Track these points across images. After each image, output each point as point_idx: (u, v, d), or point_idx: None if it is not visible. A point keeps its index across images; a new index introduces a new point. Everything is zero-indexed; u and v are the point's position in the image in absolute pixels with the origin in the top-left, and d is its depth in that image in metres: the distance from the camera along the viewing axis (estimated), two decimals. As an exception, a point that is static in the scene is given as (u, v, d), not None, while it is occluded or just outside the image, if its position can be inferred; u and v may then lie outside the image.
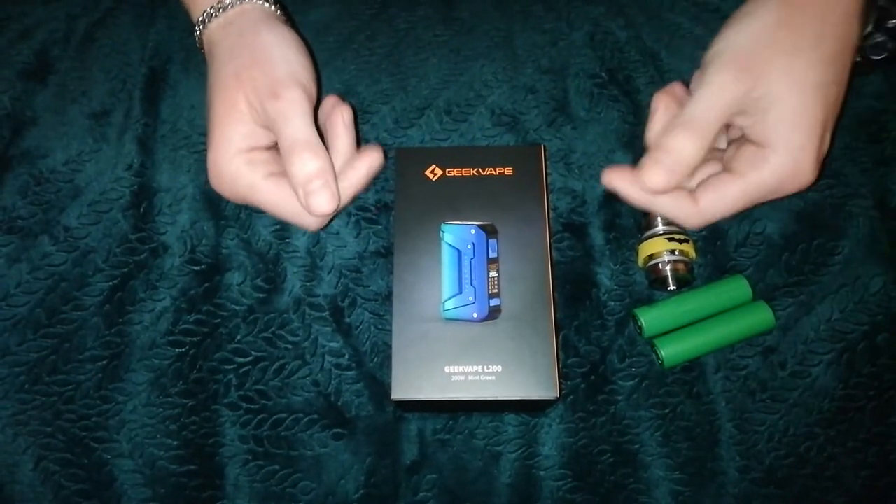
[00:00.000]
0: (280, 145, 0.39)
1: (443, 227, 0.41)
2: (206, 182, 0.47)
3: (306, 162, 0.38)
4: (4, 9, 0.52)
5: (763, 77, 0.37)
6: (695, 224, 0.40)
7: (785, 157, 0.37)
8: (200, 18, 0.43)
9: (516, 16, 0.52)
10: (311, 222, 0.41)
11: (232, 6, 0.42)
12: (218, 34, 0.42)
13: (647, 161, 0.39)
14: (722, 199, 0.39)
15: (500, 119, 0.49)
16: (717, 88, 0.38)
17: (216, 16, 0.42)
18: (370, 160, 0.42)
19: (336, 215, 0.45)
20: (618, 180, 0.40)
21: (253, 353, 0.44)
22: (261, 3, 0.43)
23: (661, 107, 0.41)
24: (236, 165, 0.40)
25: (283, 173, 0.40)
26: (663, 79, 0.49)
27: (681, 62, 0.49)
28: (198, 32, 0.43)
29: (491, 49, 0.51)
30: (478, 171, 0.42)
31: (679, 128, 0.38)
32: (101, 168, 0.47)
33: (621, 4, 0.51)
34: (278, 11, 0.44)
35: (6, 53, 0.50)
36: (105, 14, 0.51)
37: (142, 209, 0.46)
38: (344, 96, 0.49)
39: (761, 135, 0.38)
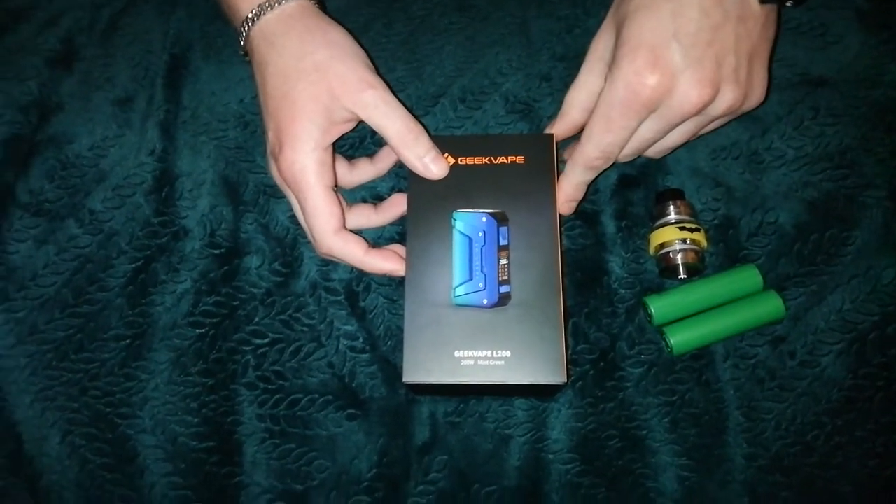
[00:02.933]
0: (386, 133, 0.42)
1: (454, 214, 0.41)
2: (226, 167, 0.48)
3: (422, 142, 0.42)
4: (31, -4, 0.53)
5: (612, 30, 0.42)
6: (599, 161, 0.42)
7: (616, 70, 0.39)
8: (254, 11, 0.43)
9: (531, 3, 0.52)
10: (327, 244, 0.43)
11: (289, 0, 0.43)
12: (279, 27, 0.43)
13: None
14: (590, 125, 0.41)
15: (514, 107, 0.49)
16: (586, 61, 0.44)
17: (273, 8, 0.43)
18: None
19: (334, 264, 0.47)
20: (559, 196, 0.44)
21: (270, 334, 0.45)
22: (315, 2, 0.44)
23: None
24: (311, 161, 0.41)
25: (335, 188, 0.43)
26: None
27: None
28: (247, 25, 0.43)
29: (506, 36, 0.51)
30: (489, 160, 0.43)
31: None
32: (125, 153, 0.48)
33: (639, -9, 0.51)
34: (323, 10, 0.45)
35: (33, 41, 0.51)
36: (128, 3, 0.52)
37: (163, 193, 0.48)
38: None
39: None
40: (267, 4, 0.43)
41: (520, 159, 0.42)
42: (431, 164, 0.42)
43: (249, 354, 0.45)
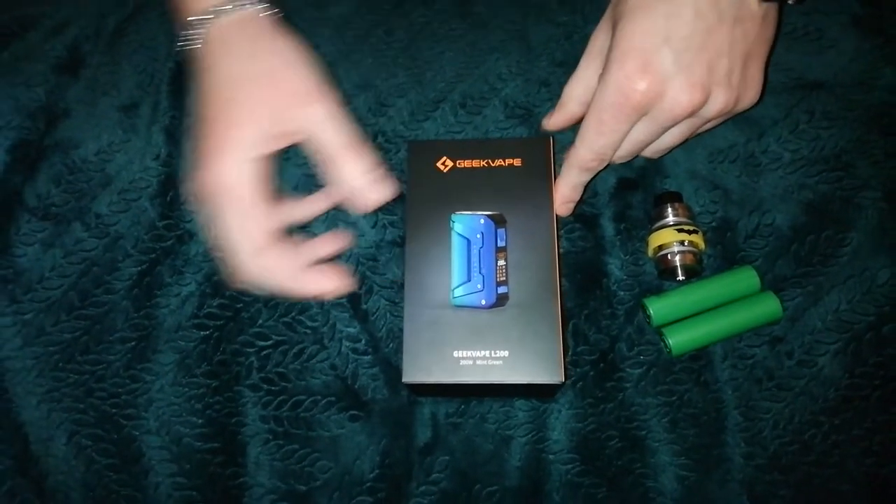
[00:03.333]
0: (324, 151, 0.42)
1: (453, 217, 0.42)
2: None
3: (359, 163, 0.42)
4: (38, 6, 0.54)
5: (609, 27, 0.42)
6: (592, 162, 0.42)
7: (608, 72, 0.40)
8: (210, 9, 0.42)
9: (531, 9, 0.53)
10: (244, 273, 0.42)
11: (250, 5, 0.42)
12: (232, 31, 0.42)
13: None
14: (584, 128, 0.42)
15: (513, 112, 0.50)
16: (587, 52, 0.45)
17: (229, 12, 0.42)
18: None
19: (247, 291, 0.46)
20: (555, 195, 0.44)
21: (274, 336, 0.46)
22: (270, 12, 0.43)
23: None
24: (245, 170, 0.40)
25: (266, 200, 0.41)
26: (676, 71, 0.49)
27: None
28: (200, 23, 0.42)
29: (505, 43, 0.52)
30: (487, 163, 0.43)
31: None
32: (131, 158, 0.49)
33: (637, -3, 0.52)
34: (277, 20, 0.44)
35: (40, 48, 0.52)
36: (134, 11, 0.53)
37: (168, 198, 0.48)
38: (361, 89, 0.51)
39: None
40: (224, 7, 0.42)
41: (517, 162, 0.43)
42: (374, 183, 0.42)
43: (253, 356, 0.45)
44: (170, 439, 0.44)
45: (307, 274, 0.42)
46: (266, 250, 0.41)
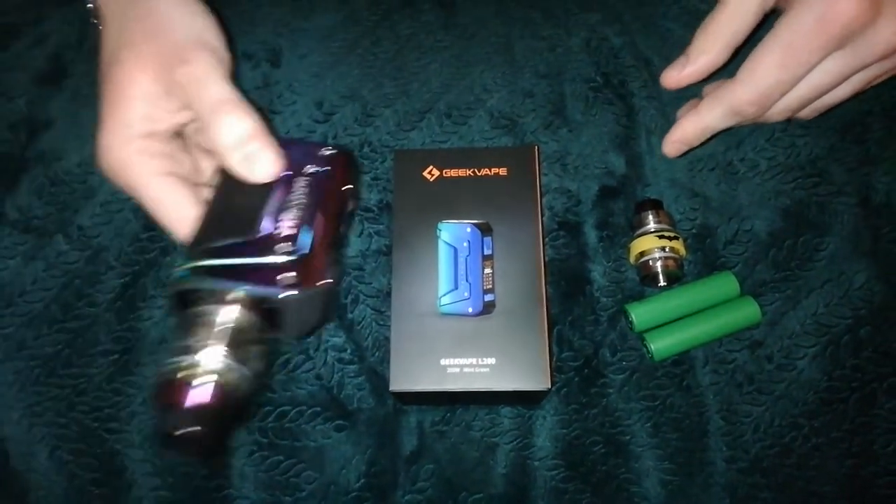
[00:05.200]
0: (199, 113, 0.36)
1: (439, 225, 0.42)
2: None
3: (236, 122, 0.35)
4: (20, 16, 0.54)
5: None
6: (751, 105, 0.37)
7: None
8: None
9: (515, 23, 0.53)
10: (185, 233, 0.37)
11: None
12: (109, 5, 0.39)
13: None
14: (758, 59, 0.36)
15: (498, 122, 0.50)
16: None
17: None
18: None
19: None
20: (671, 135, 0.42)
21: (258, 347, 0.45)
22: None
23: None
24: (128, 153, 0.37)
25: (176, 174, 0.38)
26: (656, 83, 0.50)
27: (672, 66, 0.51)
28: (90, 4, 0.39)
29: (490, 55, 0.52)
30: (474, 172, 0.44)
31: (697, 33, 0.40)
32: (113, 170, 0.49)
33: (617, 12, 0.53)
34: None
35: (22, 59, 0.52)
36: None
37: (152, 209, 0.48)
38: (348, 99, 0.51)
39: None
40: None
41: (503, 171, 0.44)
42: (251, 159, 0.35)
43: (238, 367, 0.45)
44: (153, 452, 0.44)
45: None
46: (181, 223, 0.37)
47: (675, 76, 0.41)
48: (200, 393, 0.30)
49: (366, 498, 0.43)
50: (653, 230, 0.45)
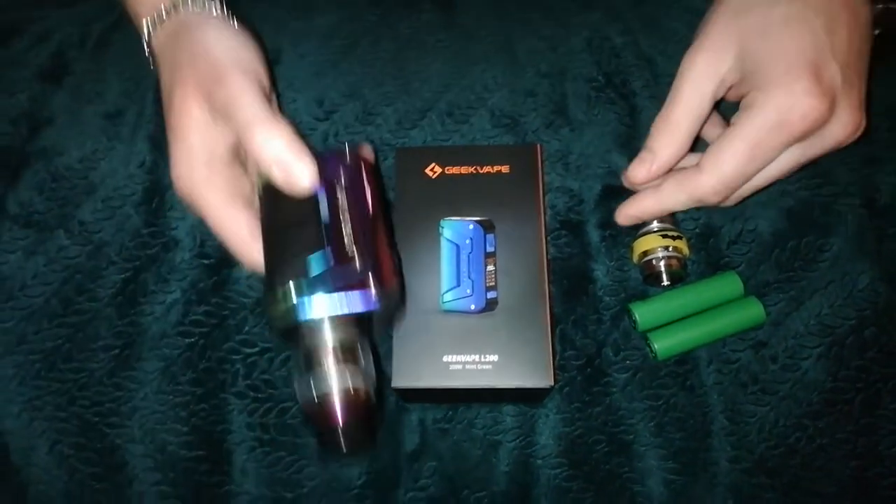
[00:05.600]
0: (237, 132, 0.37)
1: (442, 222, 0.42)
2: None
3: (270, 139, 0.36)
4: (23, 13, 0.54)
5: (737, 44, 0.38)
6: (714, 195, 0.39)
7: (772, 90, 0.36)
8: (146, 30, 0.41)
9: (516, 22, 0.53)
10: (252, 257, 0.39)
11: (169, 15, 0.40)
12: (162, 46, 0.41)
13: (634, 160, 0.43)
14: (722, 152, 0.38)
15: (500, 121, 0.50)
16: (692, 78, 0.40)
17: (158, 26, 0.41)
18: None
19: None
20: (628, 208, 0.44)
21: (260, 343, 0.45)
22: (199, 9, 0.41)
23: None
24: (194, 182, 0.39)
25: (241, 196, 0.39)
26: (658, 83, 0.50)
27: (675, 67, 0.49)
28: (147, 48, 0.42)
29: (491, 54, 0.52)
30: (476, 170, 0.43)
31: (657, 125, 0.42)
32: (115, 165, 0.49)
33: (619, 11, 0.53)
34: (217, 12, 0.41)
35: (24, 56, 0.52)
36: (119, 18, 0.53)
37: (153, 205, 0.48)
38: (349, 98, 0.51)
39: (749, 86, 0.38)
40: (155, 23, 0.41)
41: (505, 169, 0.43)
42: (289, 171, 0.36)
43: (239, 363, 0.45)
44: (154, 447, 0.44)
45: None
46: (245, 247, 0.39)
47: (643, 174, 0.42)
48: (345, 409, 0.35)
49: (367, 495, 0.43)
50: (656, 229, 0.45)
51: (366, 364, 0.36)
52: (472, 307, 0.41)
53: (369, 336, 0.38)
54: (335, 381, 0.35)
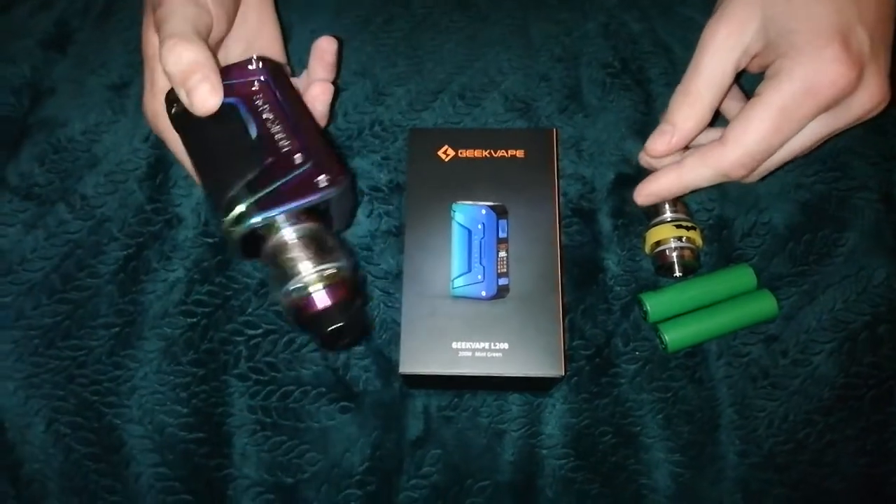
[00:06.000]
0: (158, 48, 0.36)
1: (454, 206, 0.41)
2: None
3: (179, 55, 0.35)
4: (25, -20, 0.52)
5: (760, 12, 0.37)
6: (740, 167, 0.37)
7: (799, 57, 0.35)
8: None
9: (531, 5, 0.52)
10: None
11: None
12: None
13: (653, 134, 0.42)
14: (748, 123, 0.37)
15: (513, 105, 0.49)
16: (714, 48, 0.39)
17: None
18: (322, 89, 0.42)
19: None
20: (648, 186, 0.43)
21: (263, 325, 0.44)
22: None
23: None
24: (154, 107, 0.39)
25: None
26: (676, 70, 0.49)
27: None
28: None
29: (506, 37, 0.51)
30: (490, 153, 0.43)
31: (677, 98, 0.40)
32: (119, 139, 0.48)
33: (635, -3, 0.52)
34: None
35: (27, 23, 0.51)
36: (124, -13, 0.52)
37: (157, 180, 0.47)
38: (360, 76, 0.50)
39: (774, 55, 0.37)
40: None
41: (520, 154, 0.43)
42: (191, 91, 0.35)
43: (242, 345, 0.44)
44: (153, 428, 0.43)
45: None
46: None
47: (663, 147, 0.41)
48: (321, 298, 0.35)
49: (369, 482, 0.42)
50: (669, 219, 0.44)
51: (338, 244, 0.36)
52: (483, 294, 0.40)
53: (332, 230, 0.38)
54: (308, 275, 0.35)
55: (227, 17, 0.40)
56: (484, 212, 0.41)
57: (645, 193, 0.43)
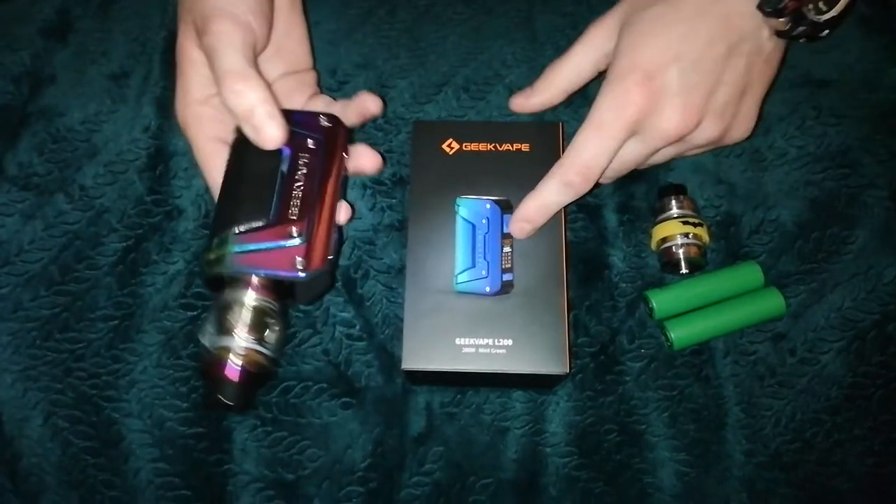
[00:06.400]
0: (216, 79, 0.37)
1: (458, 200, 0.41)
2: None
3: (242, 93, 0.36)
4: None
5: (618, 33, 0.41)
6: (576, 177, 0.39)
7: (613, 80, 0.39)
8: None
9: (537, -3, 0.52)
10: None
11: None
12: None
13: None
14: (578, 136, 0.40)
15: (518, 98, 0.49)
16: (583, 43, 0.43)
17: None
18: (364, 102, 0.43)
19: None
20: (514, 217, 0.42)
21: (264, 319, 0.44)
22: None
23: None
24: (185, 116, 0.40)
25: (226, 139, 0.40)
26: (683, 64, 0.49)
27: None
28: None
29: (511, 29, 0.51)
30: (495, 147, 0.42)
31: (545, 71, 0.45)
32: (119, 129, 0.47)
33: (642, -9, 0.51)
34: None
35: (27, 11, 0.50)
36: (126, -24, 0.51)
37: (157, 171, 0.46)
38: (362, 68, 0.49)
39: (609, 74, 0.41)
40: None
41: (525, 147, 0.42)
42: (260, 128, 0.37)
43: (242, 339, 0.44)
44: (152, 423, 0.42)
45: None
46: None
47: (521, 102, 0.46)
48: (232, 371, 0.36)
49: (371, 478, 0.42)
50: (676, 215, 0.44)
51: (273, 334, 0.37)
52: (487, 289, 0.39)
53: (289, 304, 0.40)
54: (238, 341, 0.36)
55: (267, 28, 0.41)
56: (488, 206, 0.41)
57: (515, 221, 0.40)
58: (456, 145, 0.42)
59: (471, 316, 0.39)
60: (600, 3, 0.50)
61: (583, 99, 0.48)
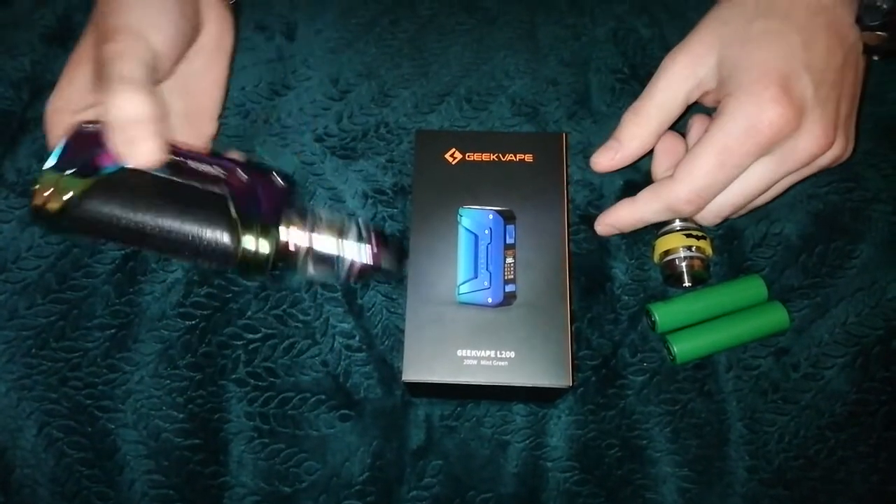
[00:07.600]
0: (103, 88, 0.35)
1: (460, 210, 0.41)
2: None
3: (127, 102, 0.34)
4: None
5: (717, 51, 0.39)
6: (686, 203, 0.39)
7: (742, 97, 0.36)
8: None
9: (539, 8, 0.52)
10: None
11: None
12: None
13: (599, 148, 0.43)
14: (695, 160, 0.38)
15: (520, 109, 0.49)
16: (669, 76, 0.40)
17: None
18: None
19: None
20: (605, 217, 0.43)
21: (263, 329, 0.43)
22: None
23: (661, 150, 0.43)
24: (53, 120, 0.38)
25: None
26: (686, 77, 0.49)
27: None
28: None
29: (513, 40, 0.51)
30: (498, 157, 0.42)
31: (626, 116, 0.42)
32: (119, 137, 0.47)
33: (645, 3, 0.51)
34: None
35: (29, 16, 0.50)
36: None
37: (157, 180, 0.46)
38: (365, 78, 0.49)
39: (724, 93, 0.38)
40: None
41: (529, 158, 0.42)
42: (132, 143, 0.34)
43: (240, 349, 0.43)
44: (148, 434, 0.42)
45: None
46: None
47: (606, 162, 0.42)
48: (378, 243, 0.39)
49: (369, 492, 0.41)
50: (679, 228, 0.43)
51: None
52: (489, 300, 0.39)
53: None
54: (350, 245, 0.38)
55: (175, 56, 0.39)
56: (491, 216, 0.40)
57: (604, 223, 0.43)
58: (459, 155, 0.42)
59: (472, 327, 0.38)
60: (602, 16, 0.51)
61: (585, 111, 0.48)
